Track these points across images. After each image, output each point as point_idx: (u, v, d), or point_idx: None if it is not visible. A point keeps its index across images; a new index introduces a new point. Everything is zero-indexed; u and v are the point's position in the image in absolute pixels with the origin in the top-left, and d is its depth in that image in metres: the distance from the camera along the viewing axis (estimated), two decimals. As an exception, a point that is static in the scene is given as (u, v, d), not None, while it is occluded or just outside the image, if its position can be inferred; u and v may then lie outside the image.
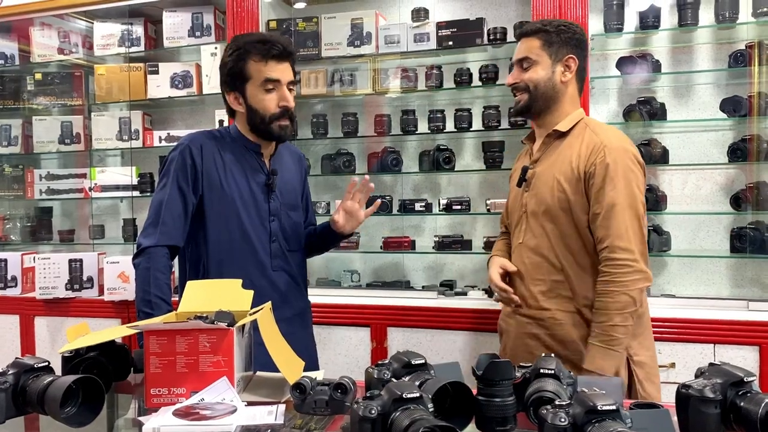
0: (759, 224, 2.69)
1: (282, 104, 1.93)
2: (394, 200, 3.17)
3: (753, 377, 1.13)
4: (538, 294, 1.92)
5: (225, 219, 1.94)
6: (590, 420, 0.99)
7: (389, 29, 3.10)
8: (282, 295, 2.00)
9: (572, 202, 1.85)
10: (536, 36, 1.93)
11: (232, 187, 1.94)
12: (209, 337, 1.38)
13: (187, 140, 1.97)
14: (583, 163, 1.84)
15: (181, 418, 1.26)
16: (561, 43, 1.92)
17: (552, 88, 1.92)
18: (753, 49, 2.66)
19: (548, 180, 1.90)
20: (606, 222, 1.78)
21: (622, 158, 1.82)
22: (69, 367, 1.48)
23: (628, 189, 1.80)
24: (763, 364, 2.40)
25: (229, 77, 1.95)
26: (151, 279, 1.85)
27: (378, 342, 2.86)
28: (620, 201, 1.78)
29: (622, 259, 1.76)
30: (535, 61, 1.92)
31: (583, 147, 1.86)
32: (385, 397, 1.08)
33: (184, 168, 1.92)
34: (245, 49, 1.92)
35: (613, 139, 1.86)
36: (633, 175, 1.82)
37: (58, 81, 3.65)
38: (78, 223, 3.79)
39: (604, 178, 1.79)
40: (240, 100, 1.95)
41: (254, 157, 2.00)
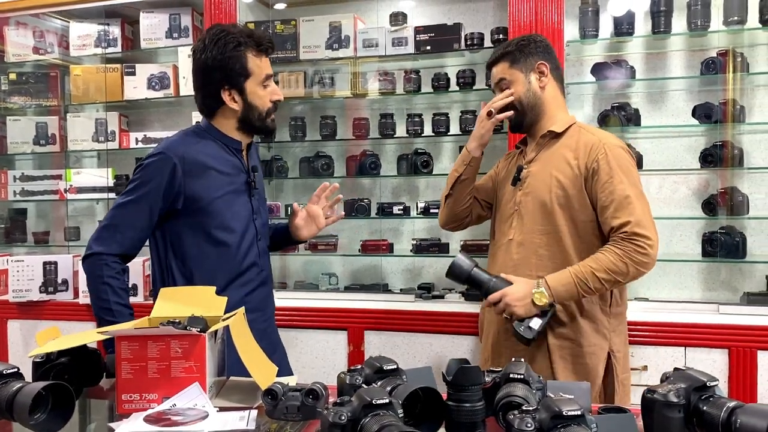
0: (730, 229, 2.74)
1: (275, 98, 1.92)
2: (372, 203, 3.18)
3: (716, 382, 1.15)
4: None
5: (214, 226, 1.87)
6: (556, 425, 1.01)
7: (368, 33, 3.11)
8: (270, 293, 2.05)
9: (571, 197, 1.90)
10: (502, 60, 2.04)
11: (219, 192, 1.87)
12: (181, 343, 1.37)
13: (167, 150, 1.84)
14: (583, 160, 1.90)
15: (153, 424, 1.26)
16: (526, 55, 2.01)
17: (534, 96, 2.01)
18: (725, 57, 2.71)
19: (545, 178, 1.95)
20: (622, 212, 1.83)
21: (623, 156, 1.90)
22: (40, 373, 1.47)
23: (635, 184, 1.88)
24: (732, 366, 2.44)
25: (226, 73, 1.84)
26: (107, 287, 1.81)
27: (355, 345, 2.87)
28: (633, 193, 1.84)
29: (643, 243, 1.80)
30: (511, 80, 2.02)
31: (581, 145, 1.93)
32: (355, 403, 1.09)
33: (159, 188, 1.81)
34: (243, 44, 1.83)
35: (611, 138, 1.96)
36: (634, 171, 1.91)
37: (33, 81, 3.60)
38: (53, 225, 3.74)
39: (609, 173, 1.86)
40: (236, 97, 1.87)
41: (236, 156, 1.94)
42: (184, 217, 1.86)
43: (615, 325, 1.96)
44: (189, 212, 1.85)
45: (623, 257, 1.80)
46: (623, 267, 1.80)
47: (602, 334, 1.93)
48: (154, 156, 1.85)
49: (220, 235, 1.88)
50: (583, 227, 1.91)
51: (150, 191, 1.82)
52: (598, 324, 1.92)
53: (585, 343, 1.91)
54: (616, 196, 1.84)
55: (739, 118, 2.74)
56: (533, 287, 1.85)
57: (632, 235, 1.80)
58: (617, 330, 1.96)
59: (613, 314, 1.96)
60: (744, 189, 2.78)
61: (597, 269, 1.81)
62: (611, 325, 1.95)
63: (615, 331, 1.95)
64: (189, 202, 1.84)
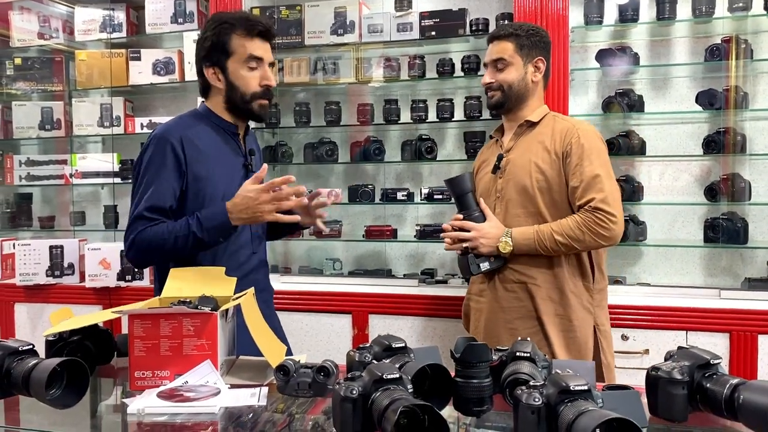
0: (732, 215, 2.76)
1: (264, 83, 1.90)
2: (376, 189, 3.20)
3: (719, 360, 1.18)
4: (518, 266, 2.04)
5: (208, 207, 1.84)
6: (563, 400, 1.03)
7: (372, 18, 3.11)
8: (266, 276, 2.05)
9: (550, 180, 2.01)
10: (509, 39, 2.10)
11: (216, 174, 1.87)
12: (193, 321, 1.40)
13: (164, 133, 1.84)
14: (558, 144, 2.02)
15: (166, 400, 1.29)
16: (531, 46, 2.09)
17: (524, 87, 2.10)
18: (729, 44, 2.71)
19: (524, 164, 2.05)
20: (590, 190, 1.94)
21: (593, 138, 2.02)
22: (53, 351, 1.49)
23: (605, 164, 1.99)
24: (732, 350, 2.47)
25: (209, 51, 1.88)
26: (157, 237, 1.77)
27: (359, 329, 2.89)
28: (602, 173, 1.95)
29: (604, 217, 1.92)
30: (509, 63, 2.09)
31: (556, 132, 2.05)
32: (366, 378, 1.11)
33: (168, 165, 1.81)
34: (229, 23, 1.87)
35: (583, 123, 2.10)
36: (604, 154, 2.02)
37: (38, 66, 3.61)
38: (58, 210, 3.76)
39: (580, 156, 1.97)
40: (219, 76, 1.89)
41: (232, 139, 1.95)
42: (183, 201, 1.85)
43: (598, 300, 2.06)
44: (189, 194, 1.84)
45: (581, 226, 1.92)
46: (580, 234, 1.92)
47: (586, 308, 2.03)
48: (153, 140, 1.85)
49: None
50: (563, 207, 2.01)
51: (159, 169, 1.81)
52: (582, 299, 2.03)
53: (574, 317, 2.00)
54: (585, 176, 1.95)
55: (742, 105, 2.75)
56: (502, 234, 2.01)
57: (595, 209, 1.92)
58: (600, 305, 2.07)
59: (595, 290, 2.05)
60: (746, 175, 2.80)
61: (556, 231, 1.95)
62: (595, 300, 2.05)
63: (599, 306, 2.06)
64: (191, 181, 1.84)
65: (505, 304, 2.06)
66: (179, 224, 1.78)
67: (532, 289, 2.02)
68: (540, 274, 2.02)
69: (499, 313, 2.08)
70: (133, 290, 3.15)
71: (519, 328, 2.03)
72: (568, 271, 2.02)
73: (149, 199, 1.79)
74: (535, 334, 2.00)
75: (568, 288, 2.01)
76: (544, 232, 1.97)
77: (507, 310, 2.06)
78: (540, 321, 2.01)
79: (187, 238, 1.76)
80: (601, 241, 1.94)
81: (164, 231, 1.77)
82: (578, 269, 2.04)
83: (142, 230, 1.79)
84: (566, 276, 2.01)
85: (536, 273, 2.02)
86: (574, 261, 2.03)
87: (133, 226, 1.80)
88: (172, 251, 1.78)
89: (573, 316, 2.01)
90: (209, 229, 1.76)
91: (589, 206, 1.93)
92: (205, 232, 1.76)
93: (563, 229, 1.95)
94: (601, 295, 2.08)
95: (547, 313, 2.01)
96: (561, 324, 2.01)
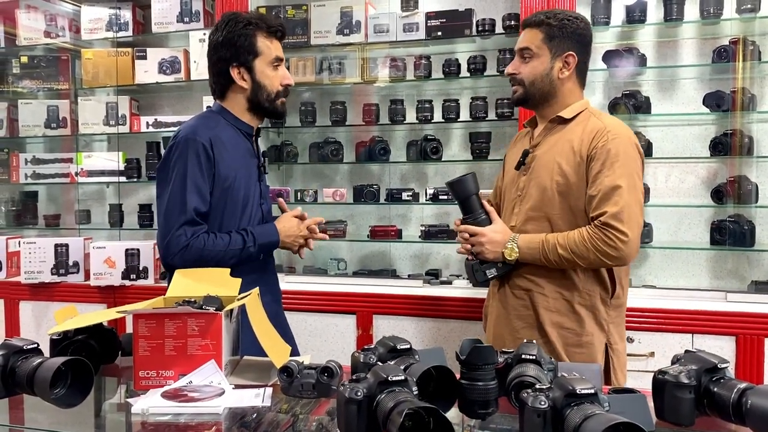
0: (739, 217, 2.74)
1: (285, 82, 1.96)
2: (381, 189, 3.19)
3: (726, 364, 1.17)
4: (527, 274, 1.90)
5: (231, 208, 1.90)
6: (569, 403, 1.02)
7: (378, 18, 3.11)
8: (275, 277, 2.10)
9: (572, 185, 1.83)
10: (539, 28, 1.90)
11: (239, 175, 1.90)
12: (198, 321, 1.40)
13: (193, 134, 1.84)
14: (585, 146, 1.82)
15: (170, 400, 1.29)
16: (563, 37, 1.89)
17: (549, 83, 1.91)
18: (737, 45, 2.70)
19: (548, 163, 1.88)
20: (605, 202, 1.76)
21: (624, 145, 1.80)
22: (57, 350, 1.49)
23: (629, 175, 1.78)
24: (739, 353, 2.46)
25: (236, 51, 1.89)
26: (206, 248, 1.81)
27: (364, 329, 2.89)
28: (624, 184, 1.76)
29: (613, 235, 1.74)
30: (536, 53, 1.90)
31: (586, 131, 1.85)
32: (371, 379, 1.11)
33: (199, 167, 1.82)
34: (253, 24, 1.90)
35: (617, 125, 1.86)
36: (634, 163, 1.81)
37: (44, 64, 3.62)
38: (63, 208, 3.77)
39: (604, 162, 1.78)
40: (245, 76, 1.91)
41: (248, 141, 1.99)
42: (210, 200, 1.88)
43: (614, 316, 1.89)
44: (216, 194, 1.87)
45: (587, 242, 1.76)
46: (584, 251, 1.76)
47: (600, 324, 1.86)
48: (182, 141, 1.85)
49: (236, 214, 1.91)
50: (581, 216, 1.84)
51: (195, 170, 1.82)
52: (597, 314, 1.86)
53: (582, 332, 1.85)
54: (604, 186, 1.76)
55: (749, 107, 2.74)
56: (509, 240, 1.86)
57: (604, 225, 1.74)
58: (615, 322, 1.90)
59: (613, 305, 1.89)
60: (753, 178, 2.78)
61: (561, 244, 1.79)
62: (610, 316, 1.88)
63: (614, 323, 1.89)
64: (218, 181, 1.86)
65: (512, 312, 1.94)
66: (234, 240, 1.85)
67: (536, 297, 1.88)
68: (548, 283, 1.87)
69: (506, 320, 1.96)
70: (137, 289, 3.15)
71: (524, 338, 1.81)
72: (582, 282, 1.85)
73: (193, 202, 1.81)
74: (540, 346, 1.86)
75: (578, 300, 1.85)
76: (550, 243, 1.81)
77: (513, 317, 1.93)
78: (544, 332, 1.87)
79: (240, 252, 1.86)
80: (606, 261, 1.76)
81: (220, 246, 1.83)
82: (596, 280, 1.86)
83: (194, 237, 1.80)
84: (579, 287, 1.85)
85: (544, 281, 1.88)
86: (592, 272, 1.86)
87: (181, 230, 1.80)
88: (219, 264, 1.80)
89: (581, 330, 1.85)
90: (262, 245, 1.90)
91: (599, 220, 1.75)
92: (257, 248, 1.89)
93: (568, 242, 1.78)
94: (617, 311, 1.90)
95: (552, 325, 1.86)
96: (567, 338, 1.86)
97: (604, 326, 1.87)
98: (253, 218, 1.96)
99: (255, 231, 1.89)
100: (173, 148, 1.86)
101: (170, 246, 1.80)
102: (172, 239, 1.80)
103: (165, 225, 1.83)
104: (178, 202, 1.81)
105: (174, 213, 1.81)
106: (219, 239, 1.83)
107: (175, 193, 1.82)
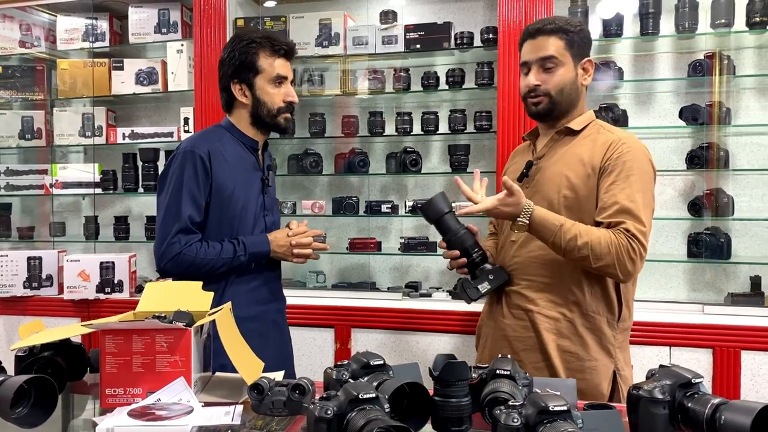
0: (715, 230, 2.76)
1: (288, 99, 2.03)
2: (360, 201, 3.17)
3: (701, 379, 1.16)
4: (526, 291, 1.82)
5: (229, 218, 1.97)
6: (542, 420, 1.01)
7: (357, 30, 3.10)
8: (280, 287, 2.16)
9: (581, 199, 1.75)
10: (557, 35, 1.79)
11: (238, 187, 1.98)
12: (166, 337, 1.37)
13: (193, 147, 1.93)
14: (598, 158, 1.74)
15: (136, 419, 1.25)
16: (582, 45, 1.82)
17: (576, 92, 1.82)
18: (712, 59, 2.73)
19: (554, 176, 1.79)
20: (625, 215, 1.67)
21: (640, 157, 1.74)
22: (22, 367, 1.45)
23: (646, 191, 1.72)
24: (716, 366, 2.46)
25: (237, 68, 1.98)
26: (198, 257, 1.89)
27: (342, 343, 2.86)
28: (641, 200, 1.69)
29: (637, 248, 1.67)
30: (561, 62, 1.79)
31: (598, 144, 1.77)
32: (342, 397, 1.09)
33: (194, 176, 1.90)
34: (257, 43, 1.98)
35: (630, 137, 1.78)
36: (648, 177, 1.75)
37: (19, 75, 3.56)
38: (38, 220, 3.71)
39: (619, 174, 1.70)
40: (246, 92, 2.00)
41: (252, 154, 2.06)
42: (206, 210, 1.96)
43: (621, 340, 1.79)
44: (213, 205, 1.95)
45: (612, 245, 1.65)
46: (605, 252, 1.65)
47: (606, 349, 1.76)
48: (182, 153, 1.94)
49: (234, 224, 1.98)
50: None
51: (191, 181, 1.91)
52: (603, 338, 1.76)
53: (586, 357, 1.74)
54: (621, 199, 1.68)
55: (725, 120, 2.76)
56: (525, 207, 1.70)
57: (633, 236, 1.66)
58: (623, 347, 1.80)
59: (619, 328, 1.78)
60: (729, 191, 2.80)
61: (582, 235, 1.67)
62: (617, 340, 1.77)
63: (621, 348, 1.79)
64: (215, 192, 1.94)
65: (511, 333, 1.83)
66: (225, 249, 1.93)
67: (536, 318, 1.78)
68: (548, 302, 1.78)
69: (504, 341, 1.85)
70: (112, 302, 3.10)
71: (525, 361, 1.78)
72: (587, 302, 1.76)
73: (188, 211, 1.90)
74: (542, 370, 1.75)
75: (582, 322, 1.75)
76: (569, 229, 1.67)
77: (513, 339, 1.83)
78: (548, 355, 1.76)
79: (231, 261, 1.93)
80: (618, 272, 1.67)
81: (211, 255, 1.91)
82: (603, 301, 1.76)
83: (187, 246, 1.89)
84: (583, 307, 1.76)
85: (543, 300, 1.78)
86: (599, 291, 1.76)
87: (176, 238, 1.89)
88: (210, 272, 1.91)
89: (585, 355, 1.74)
90: (253, 254, 1.96)
91: (625, 230, 1.65)
92: (248, 257, 1.95)
93: (591, 237, 1.66)
94: (624, 335, 1.80)
95: (554, 348, 1.76)
96: (570, 362, 1.75)
97: (611, 351, 1.76)
98: (256, 229, 2.03)
99: (246, 241, 1.96)
100: (173, 160, 1.96)
101: (164, 253, 1.90)
102: (166, 246, 1.89)
103: (161, 232, 1.92)
104: (174, 211, 1.90)
105: (169, 221, 1.90)
106: (211, 248, 1.92)
107: (172, 201, 1.91)
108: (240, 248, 1.94)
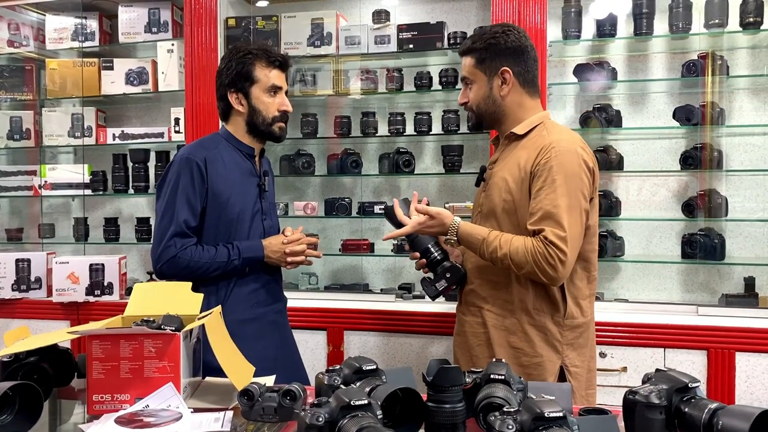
0: (709, 231, 2.76)
1: (282, 108, 2.10)
2: (353, 202, 3.15)
3: (697, 383, 1.15)
4: (479, 289, 1.91)
5: (225, 223, 2.04)
6: (537, 427, 0.99)
7: (350, 30, 3.08)
8: (280, 288, 2.22)
9: (517, 203, 1.81)
10: (469, 55, 1.91)
11: (234, 193, 2.04)
12: (155, 342, 1.34)
13: (189, 154, 2.01)
14: (531, 162, 1.79)
15: (124, 426, 1.23)
16: (492, 57, 1.87)
17: (493, 104, 1.90)
18: (706, 60, 2.72)
19: (499, 181, 1.87)
20: (547, 221, 1.72)
21: (568, 161, 1.75)
22: (6, 373, 1.42)
23: (571, 193, 1.74)
24: (710, 367, 2.45)
25: (234, 78, 2.05)
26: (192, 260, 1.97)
27: (335, 346, 2.84)
28: (564, 204, 1.72)
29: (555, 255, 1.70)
30: (472, 80, 1.91)
31: (533, 147, 1.82)
32: (333, 404, 1.07)
33: (191, 183, 1.98)
34: (253, 54, 2.05)
35: (564, 141, 1.79)
36: (577, 181, 1.76)
37: (7, 74, 3.52)
38: (27, 222, 3.66)
39: (545, 180, 1.74)
40: (242, 101, 2.07)
41: (248, 161, 2.12)
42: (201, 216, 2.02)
43: (571, 338, 1.83)
44: (210, 210, 2.02)
45: (529, 253, 1.71)
46: (523, 261, 1.72)
47: (552, 345, 1.82)
48: (178, 161, 2.02)
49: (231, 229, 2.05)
50: (526, 234, 1.77)
51: (187, 188, 1.98)
52: (548, 335, 1.82)
53: (531, 353, 1.82)
54: (545, 205, 1.72)
55: (718, 121, 2.76)
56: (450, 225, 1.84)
57: (550, 243, 1.70)
58: (575, 343, 1.84)
59: (567, 326, 1.82)
60: (723, 191, 2.80)
61: (502, 246, 1.75)
62: (565, 337, 1.82)
63: (571, 345, 1.83)
64: (212, 197, 2.00)
65: (468, 329, 1.93)
66: (219, 253, 2.00)
67: (485, 314, 1.88)
68: (496, 300, 1.86)
69: (463, 337, 1.95)
70: (101, 305, 3.06)
71: (479, 356, 1.88)
72: (531, 299, 1.82)
73: (183, 215, 1.97)
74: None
75: (528, 319, 1.82)
76: (492, 240, 1.77)
77: (469, 335, 1.92)
78: (494, 351, 1.85)
79: (225, 265, 2.00)
80: (542, 278, 1.72)
81: (206, 258, 1.98)
82: (545, 299, 1.82)
83: (183, 249, 1.97)
84: (528, 305, 1.82)
85: (492, 298, 1.87)
86: (542, 290, 1.81)
87: (171, 241, 1.97)
88: (205, 274, 1.98)
89: (531, 351, 1.81)
90: (246, 259, 2.02)
91: (544, 237, 1.70)
92: (241, 261, 2.01)
93: (511, 246, 1.74)
94: (575, 333, 1.83)
95: (500, 344, 1.84)
96: (518, 358, 1.83)
97: (557, 347, 1.82)
98: (252, 233, 2.08)
99: (241, 245, 2.02)
100: (171, 167, 2.04)
101: (160, 255, 1.97)
102: (162, 249, 1.97)
103: (157, 235, 2.00)
104: (170, 215, 1.98)
105: (165, 225, 1.98)
106: (205, 251, 1.99)
107: (168, 206, 1.99)
108: (234, 252, 2.00)
